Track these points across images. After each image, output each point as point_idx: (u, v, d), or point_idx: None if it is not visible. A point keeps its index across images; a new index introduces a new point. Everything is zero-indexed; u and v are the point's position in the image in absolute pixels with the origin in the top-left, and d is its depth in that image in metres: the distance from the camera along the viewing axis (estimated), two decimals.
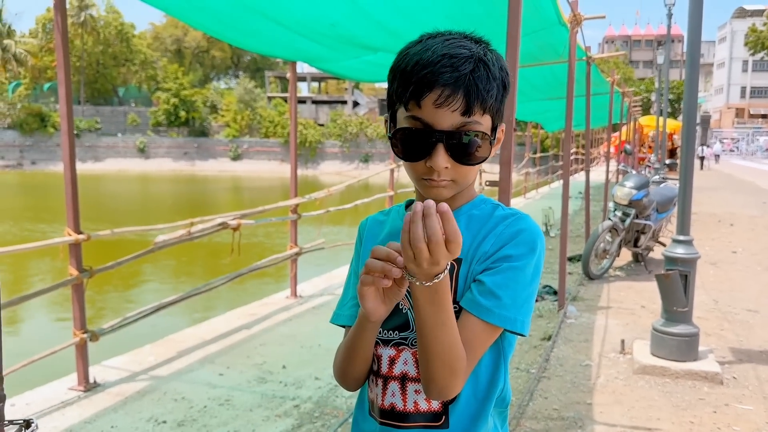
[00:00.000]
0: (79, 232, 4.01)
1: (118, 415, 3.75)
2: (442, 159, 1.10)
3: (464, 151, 1.12)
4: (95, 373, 4.26)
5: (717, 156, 42.88)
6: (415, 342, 1.14)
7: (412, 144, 1.13)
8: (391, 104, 1.19)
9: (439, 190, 1.15)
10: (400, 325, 1.21)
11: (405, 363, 1.20)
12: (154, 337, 5.13)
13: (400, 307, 1.21)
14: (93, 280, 4.23)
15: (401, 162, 1.21)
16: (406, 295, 1.16)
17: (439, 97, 1.08)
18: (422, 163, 1.13)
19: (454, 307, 1.12)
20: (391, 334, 1.22)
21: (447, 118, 1.09)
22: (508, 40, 3.02)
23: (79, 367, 4.12)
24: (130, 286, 10.44)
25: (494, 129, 1.16)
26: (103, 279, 6.36)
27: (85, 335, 4.10)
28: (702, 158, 31.77)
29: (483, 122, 1.12)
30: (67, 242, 3.99)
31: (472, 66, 1.10)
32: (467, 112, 1.09)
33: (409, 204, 1.32)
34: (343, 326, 1.31)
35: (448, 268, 1.01)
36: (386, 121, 1.22)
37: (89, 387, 4.10)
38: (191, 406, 3.86)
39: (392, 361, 1.21)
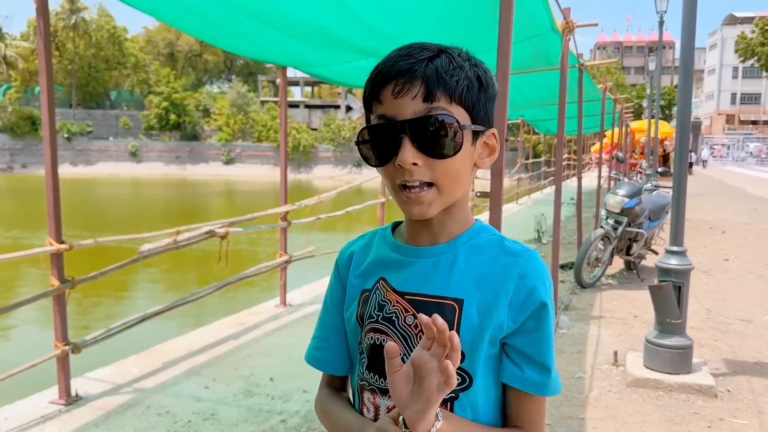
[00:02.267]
0: (61, 242, 3.91)
1: (100, 430, 3.65)
2: (408, 152, 0.99)
3: (432, 139, 1.00)
4: (77, 385, 4.15)
5: (704, 162, 43.04)
6: None
7: (377, 143, 1.04)
8: (368, 121, 1.10)
9: (422, 207, 1.03)
10: None
11: None
12: (139, 349, 5.02)
13: (399, 354, 1.09)
14: (77, 289, 4.13)
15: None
16: (400, 339, 1.08)
17: (396, 86, 1.00)
18: (391, 165, 1.02)
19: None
20: (387, 383, 1.09)
21: (408, 106, 1.00)
22: (499, 47, 2.95)
23: (60, 380, 4.01)
24: (115, 296, 10.30)
25: (477, 129, 1.05)
26: (88, 289, 6.25)
27: (66, 347, 4.00)
28: (691, 164, 31.88)
29: (453, 111, 1.01)
30: (49, 252, 3.89)
31: (431, 54, 1.02)
32: (429, 97, 0.99)
33: (395, 226, 1.21)
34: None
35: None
36: (356, 143, 1.13)
37: (71, 400, 3.99)
38: (175, 421, 3.77)
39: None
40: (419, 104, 0.99)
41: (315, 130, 54.38)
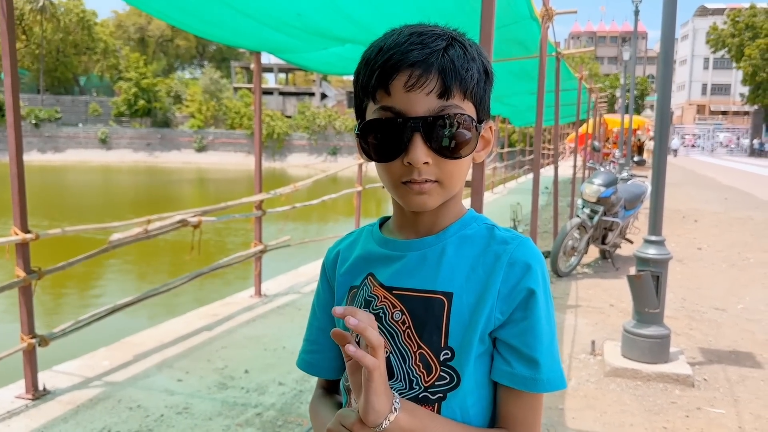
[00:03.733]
0: (27, 231, 3.77)
1: (69, 425, 3.54)
2: (420, 151, 0.93)
3: (446, 141, 0.95)
4: (45, 379, 4.03)
5: (675, 151, 43.64)
6: (401, 393, 1.00)
7: (383, 138, 0.96)
8: (359, 106, 1.02)
9: (423, 197, 0.97)
10: None
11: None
12: (109, 341, 4.89)
13: (383, 347, 1.01)
14: (44, 280, 4.00)
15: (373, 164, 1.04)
16: (387, 336, 1.02)
17: (410, 78, 0.92)
18: (398, 162, 0.96)
19: (445, 353, 0.98)
20: None
21: (422, 102, 0.93)
22: (481, 35, 2.88)
23: (27, 373, 3.88)
24: (84, 287, 10.08)
25: (479, 123, 1.00)
26: (55, 280, 6.08)
27: (33, 340, 3.87)
28: None
29: (465, 107, 0.96)
30: (13, 242, 3.75)
31: (445, 43, 0.95)
32: (445, 93, 0.93)
33: (383, 222, 1.15)
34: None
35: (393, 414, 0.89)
36: (357, 135, 1.03)
37: (38, 395, 3.87)
38: (147, 415, 3.66)
39: None
40: (434, 100, 0.93)
41: (289, 117, 53.96)
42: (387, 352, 1.01)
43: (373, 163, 1.02)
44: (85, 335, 4.51)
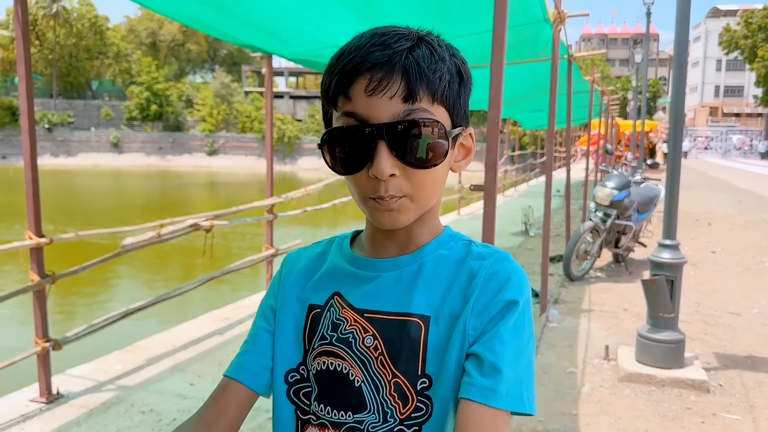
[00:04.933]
0: (41, 236, 3.79)
1: (82, 429, 3.54)
2: (386, 162, 0.84)
3: (413, 148, 0.85)
4: (58, 383, 4.04)
5: (685, 153, 43.36)
6: (373, 427, 0.90)
7: (346, 148, 0.87)
8: (325, 117, 0.94)
9: (393, 215, 0.87)
10: (354, 404, 0.92)
11: None
12: (122, 345, 4.90)
13: (351, 379, 0.92)
14: (58, 285, 4.01)
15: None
16: (358, 363, 0.92)
17: (371, 82, 0.83)
18: (364, 174, 0.86)
19: (423, 382, 0.89)
20: (342, 416, 0.92)
21: (385, 107, 0.83)
22: (494, 37, 2.88)
23: (41, 377, 3.89)
24: (97, 291, 10.13)
25: (456, 129, 0.90)
26: (69, 284, 6.11)
27: (47, 344, 3.88)
28: (666, 154, 32.08)
29: (435, 112, 0.86)
30: (28, 246, 3.77)
31: (410, 43, 0.86)
32: (410, 97, 0.84)
33: (355, 235, 1.04)
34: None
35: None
36: (319, 146, 0.94)
37: (52, 398, 3.88)
38: (160, 419, 3.67)
39: None
40: (398, 105, 0.84)
41: (300, 121, 54.09)
42: (359, 382, 0.92)
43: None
44: (98, 339, 4.53)
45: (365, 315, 0.93)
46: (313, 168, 48.19)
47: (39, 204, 3.79)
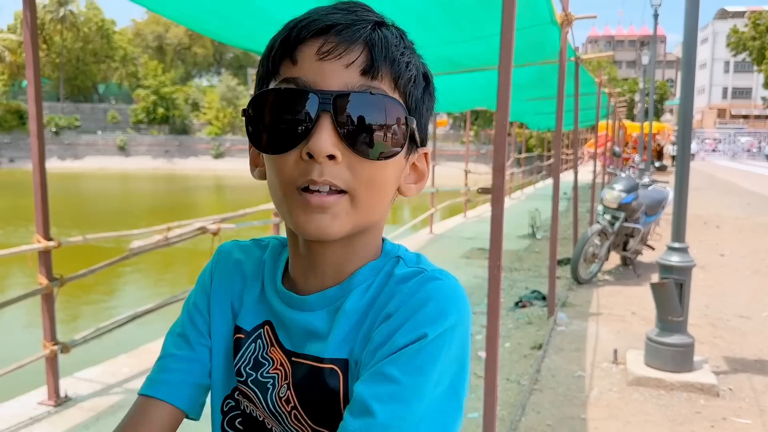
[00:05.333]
0: (49, 239, 3.80)
1: (90, 431, 3.55)
2: (326, 136, 0.67)
3: (366, 127, 0.69)
4: (66, 386, 4.04)
5: (692, 155, 43.19)
6: None
7: (277, 118, 0.69)
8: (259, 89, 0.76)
9: (323, 219, 0.69)
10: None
11: None
12: (129, 348, 4.91)
13: (269, 427, 0.81)
14: (65, 288, 4.02)
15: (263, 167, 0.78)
16: (272, 416, 0.79)
17: (325, 44, 0.68)
18: (295, 155, 0.69)
19: None
20: None
21: (338, 74, 0.68)
22: (502, 39, 2.87)
23: (49, 380, 3.90)
24: (105, 294, 10.16)
25: (412, 133, 0.74)
26: (77, 287, 6.13)
27: (55, 347, 3.89)
28: (674, 157, 32.00)
29: (395, 98, 0.71)
30: (36, 249, 3.77)
31: (378, 19, 0.72)
32: (371, 70, 0.69)
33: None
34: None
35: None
36: (251, 145, 0.77)
37: (60, 401, 3.89)
38: None
39: None
40: (355, 75, 0.68)
41: None
42: None
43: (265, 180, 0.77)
44: (105, 342, 4.54)
45: (292, 359, 0.78)
46: None
47: (47, 207, 3.80)
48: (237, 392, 0.83)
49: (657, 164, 11.65)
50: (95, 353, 4.85)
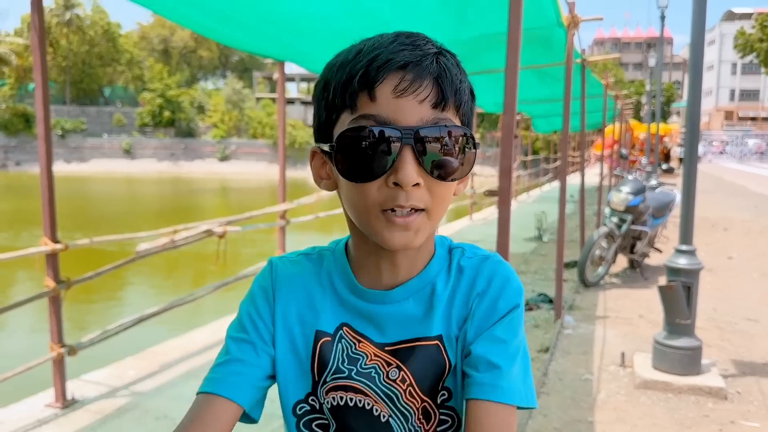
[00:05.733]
0: (56, 242, 3.81)
1: None
2: (411, 169, 0.77)
3: (441, 158, 0.79)
4: (73, 388, 4.05)
5: (699, 157, 43.02)
6: None
7: (363, 152, 0.78)
8: (326, 122, 0.85)
9: (408, 235, 0.81)
10: None
11: None
12: (136, 350, 4.91)
13: (377, 414, 0.90)
14: (72, 290, 4.02)
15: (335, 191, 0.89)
16: (384, 399, 0.89)
17: (402, 82, 0.77)
18: (380, 183, 0.79)
19: (442, 395, 0.89)
20: None
21: (414, 110, 0.77)
22: (509, 41, 2.86)
23: (56, 382, 3.91)
24: (112, 296, 10.18)
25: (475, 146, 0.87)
26: (83, 290, 6.14)
27: (62, 349, 3.90)
28: (681, 159, 31.89)
29: (458, 124, 0.83)
30: (44, 252, 3.78)
31: (436, 49, 0.82)
32: (441, 103, 0.79)
33: (346, 244, 0.96)
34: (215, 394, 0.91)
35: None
36: (313, 155, 0.90)
37: (67, 404, 3.89)
38: (173, 425, 3.61)
39: None
40: (427, 110, 0.78)
41: (311, 127, 54.03)
42: (385, 416, 0.89)
43: (333, 191, 0.89)
44: (112, 345, 4.54)
45: (386, 348, 0.89)
46: None
47: (54, 210, 3.81)
48: (312, 398, 0.93)
49: (664, 166, 11.62)
50: (102, 356, 4.85)
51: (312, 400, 0.92)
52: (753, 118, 75.61)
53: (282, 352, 0.93)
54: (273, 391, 3.33)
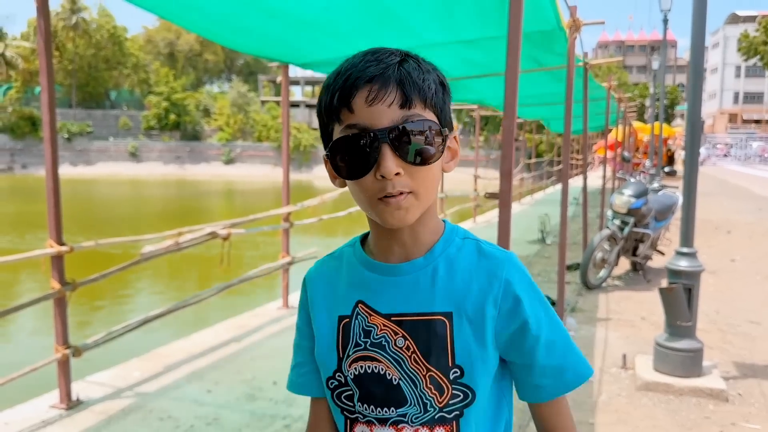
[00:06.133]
0: (62, 244, 3.85)
1: None
2: (390, 162, 0.93)
3: (413, 147, 0.95)
4: (78, 389, 4.09)
5: (702, 160, 42.89)
6: (416, 418, 1.02)
7: (352, 154, 0.96)
8: (325, 132, 1.03)
9: (401, 213, 0.97)
10: (395, 401, 1.03)
11: None
12: (140, 352, 4.95)
13: (389, 378, 1.03)
14: (77, 292, 4.06)
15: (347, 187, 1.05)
16: (393, 364, 1.03)
17: (370, 93, 0.94)
18: (371, 177, 0.96)
19: (455, 372, 1.00)
20: (386, 412, 1.04)
21: (385, 114, 0.94)
22: (509, 45, 2.89)
23: (61, 383, 3.95)
24: (116, 298, 10.23)
25: (445, 133, 1.01)
26: (89, 291, 6.18)
27: (67, 351, 3.93)
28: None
29: (427, 116, 0.97)
30: (49, 254, 3.82)
31: (399, 58, 0.98)
32: (406, 103, 0.95)
33: (364, 238, 1.13)
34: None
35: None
36: (325, 161, 1.04)
37: (71, 405, 3.93)
38: (177, 426, 3.70)
39: None
40: (396, 111, 0.94)
41: (315, 129, 54.21)
42: (396, 380, 1.02)
43: (345, 188, 1.03)
44: (116, 346, 4.58)
45: (392, 319, 1.03)
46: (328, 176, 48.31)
47: (60, 213, 3.85)
48: (338, 373, 1.07)
49: (666, 169, 11.59)
50: (107, 357, 4.90)
51: (338, 375, 1.07)
52: (757, 121, 75.36)
53: (317, 341, 1.11)
54: (275, 392, 3.38)
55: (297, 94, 64.15)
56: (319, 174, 50.07)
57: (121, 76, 60.70)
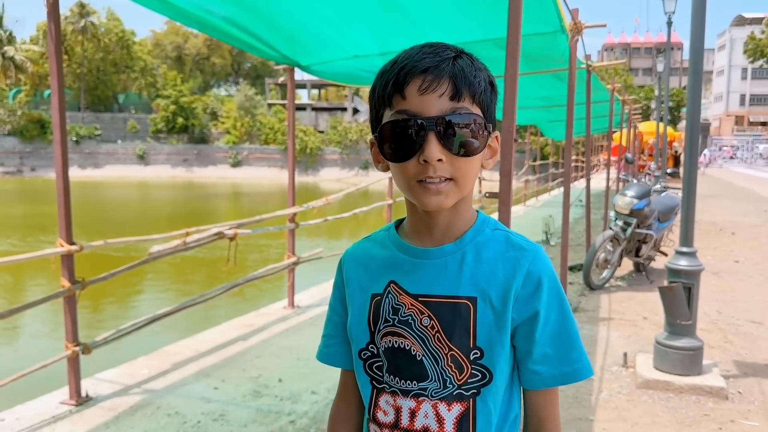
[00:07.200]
0: (72, 243, 3.93)
1: (110, 430, 3.66)
2: (435, 148, 1.00)
3: (458, 138, 1.02)
4: (87, 386, 4.17)
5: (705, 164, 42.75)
6: (435, 393, 1.10)
7: (399, 138, 1.03)
8: (375, 117, 1.10)
9: (439, 198, 1.04)
10: (418, 375, 1.10)
11: (426, 416, 1.10)
12: (148, 350, 5.03)
13: (413, 354, 1.10)
14: (86, 291, 4.15)
15: (389, 172, 1.13)
16: (418, 340, 1.10)
17: (423, 82, 1.01)
18: (414, 161, 1.03)
19: (475, 353, 1.07)
20: (409, 385, 1.11)
21: (435, 103, 1.01)
22: (508, 46, 2.95)
23: (70, 380, 4.03)
24: (125, 297, 10.34)
25: (487, 127, 1.08)
26: (97, 290, 6.28)
27: (77, 348, 4.02)
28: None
29: (474, 111, 1.04)
30: (59, 253, 3.91)
31: (455, 54, 1.05)
32: (456, 96, 1.02)
33: (399, 223, 1.21)
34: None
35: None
36: (371, 145, 1.12)
37: (81, 401, 4.01)
38: (185, 422, 3.77)
39: (413, 414, 1.11)
40: (446, 102, 1.01)
41: (322, 132, 54.46)
42: (420, 356, 1.09)
43: (388, 173, 1.12)
44: (125, 344, 4.67)
45: (420, 299, 1.10)
46: (334, 179, 48.47)
47: (70, 213, 3.93)
48: (371, 345, 1.15)
49: (670, 170, 11.65)
50: (115, 355, 4.98)
51: (371, 347, 1.15)
52: (763, 123, 75.05)
53: (351, 316, 1.18)
54: (281, 389, 3.48)
55: (303, 97, 64.25)
56: (325, 176, 50.23)
57: (129, 80, 61.00)
